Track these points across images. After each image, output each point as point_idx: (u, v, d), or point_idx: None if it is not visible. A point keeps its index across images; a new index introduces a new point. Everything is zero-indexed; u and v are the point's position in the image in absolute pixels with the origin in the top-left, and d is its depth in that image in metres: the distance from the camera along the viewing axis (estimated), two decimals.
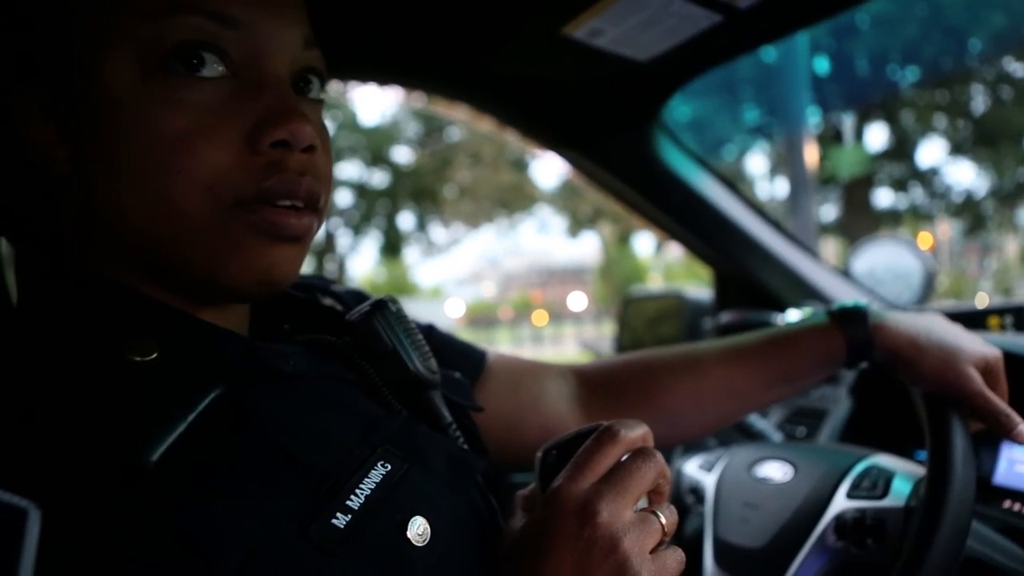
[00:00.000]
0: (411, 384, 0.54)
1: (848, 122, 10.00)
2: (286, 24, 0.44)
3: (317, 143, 0.44)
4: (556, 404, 0.72)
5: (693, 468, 0.95)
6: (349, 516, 0.39)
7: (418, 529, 0.41)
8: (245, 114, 0.42)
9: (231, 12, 0.41)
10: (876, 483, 0.73)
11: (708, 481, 0.90)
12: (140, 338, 0.41)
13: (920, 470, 0.72)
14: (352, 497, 0.40)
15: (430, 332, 0.67)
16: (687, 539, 0.97)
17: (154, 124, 0.40)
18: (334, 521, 0.38)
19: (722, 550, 0.82)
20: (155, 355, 0.41)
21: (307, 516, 0.38)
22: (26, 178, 0.45)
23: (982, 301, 1.27)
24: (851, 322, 0.68)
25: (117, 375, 0.40)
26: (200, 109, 0.41)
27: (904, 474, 0.73)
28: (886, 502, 0.70)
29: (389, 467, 0.43)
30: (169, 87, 0.41)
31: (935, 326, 0.68)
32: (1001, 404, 0.65)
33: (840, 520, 0.72)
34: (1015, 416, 0.64)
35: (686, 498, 0.95)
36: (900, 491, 0.71)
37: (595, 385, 0.74)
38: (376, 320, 0.54)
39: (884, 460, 0.77)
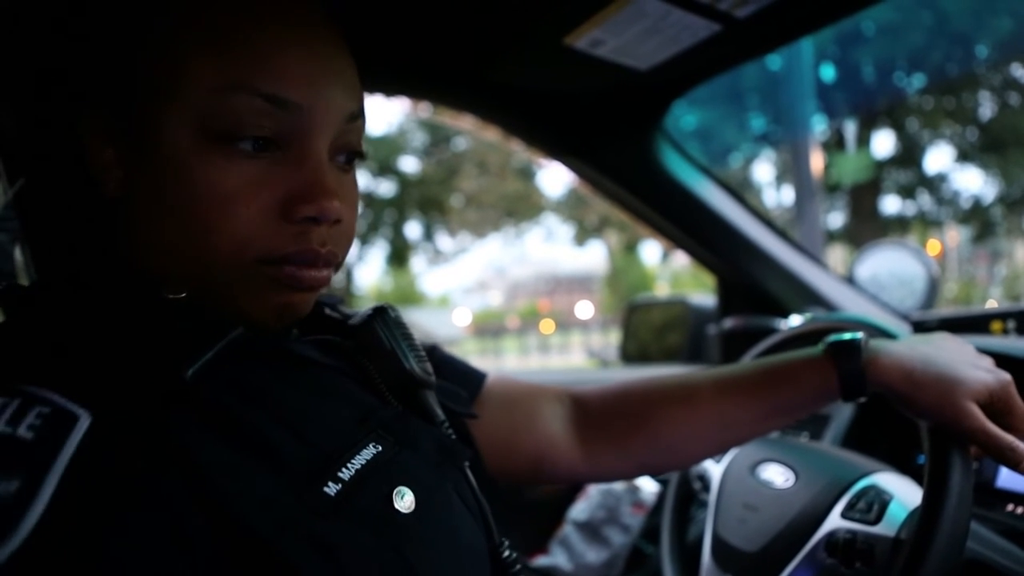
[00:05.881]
0: (407, 382, 0.58)
1: (851, 128, 9.98)
2: (336, 106, 0.48)
3: (343, 216, 0.48)
4: (550, 426, 0.73)
5: None
6: (340, 486, 0.44)
7: (404, 499, 0.46)
8: (282, 186, 0.46)
9: (288, 97, 0.45)
10: (872, 505, 0.72)
11: (715, 472, 0.91)
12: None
13: (918, 497, 0.71)
14: (344, 470, 0.44)
15: (433, 351, 0.70)
16: (691, 543, 0.98)
17: (199, 184, 0.44)
18: (326, 489, 0.43)
19: (719, 548, 0.83)
20: (184, 294, 0.47)
21: (303, 483, 0.43)
22: (81, 188, 0.50)
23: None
24: (843, 356, 0.65)
25: (155, 309, 0.46)
26: (243, 178, 0.45)
27: (901, 500, 0.73)
28: (878, 529, 0.70)
29: (381, 448, 0.48)
30: (219, 155, 0.45)
31: (935, 355, 0.64)
32: (1004, 438, 0.60)
33: (832, 538, 0.72)
34: (1021, 448, 0.60)
35: (694, 484, 0.96)
36: (894, 518, 0.70)
37: (590, 410, 0.74)
38: (376, 323, 0.59)
39: (884, 480, 0.77)
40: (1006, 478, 0.85)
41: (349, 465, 0.45)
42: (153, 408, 0.40)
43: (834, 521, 0.74)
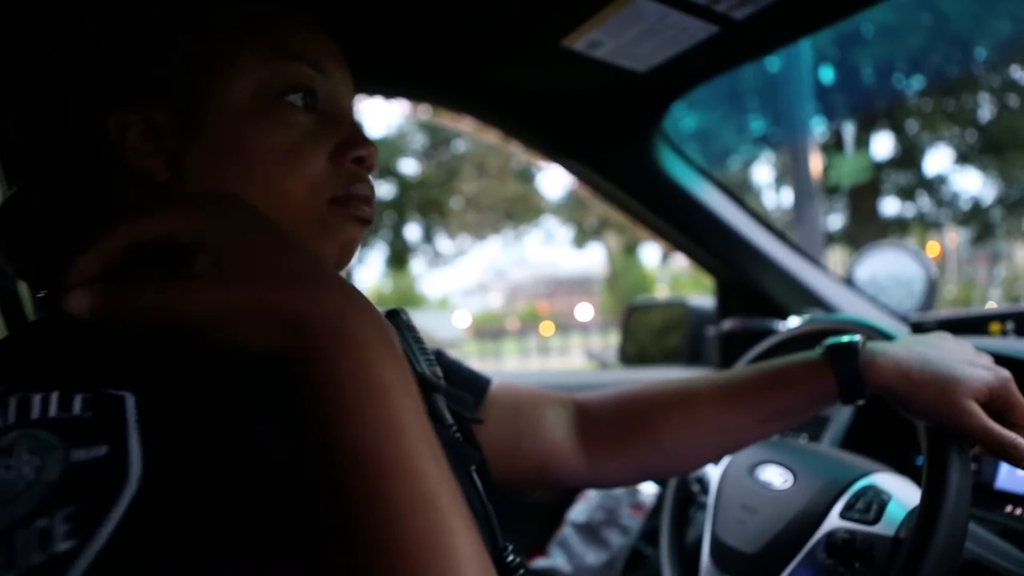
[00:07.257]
0: (417, 385, 0.57)
1: (850, 130, 9.99)
2: (349, 75, 0.57)
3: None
4: (554, 431, 0.74)
5: None
6: None
7: None
8: (329, 139, 0.53)
9: (324, 64, 0.54)
10: (870, 506, 0.72)
11: (713, 474, 0.91)
12: None
13: (916, 496, 0.71)
14: None
15: (439, 356, 0.70)
16: (690, 544, 0.98)
17: (271, 138, 0.51)
18: None
19: (718, 549, 0.83)
20: None
21: None
22: (115, 180, 0.52)
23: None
24: (841, 358, 0.65)
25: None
26: (301, 131, 0.52)
27: (899, 500, 0.73)
28: (877, 528, 0.70)
29: None
30: (280, 113, 0.51)
31: (933, 355, 0.63)
32: (1006, 435, 0.60)
33: (831, 538, 0.72)
34: (1023, 444, 0.60)
35: (692, 485, 0.96)
36: (893, 518, 0.70)
37: (593, 416, 0.75)
38: None
39: (883, 480, 0.77)
40: (1005, 479, 0.85)
41: None
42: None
43: (833, 521, 0.74)
